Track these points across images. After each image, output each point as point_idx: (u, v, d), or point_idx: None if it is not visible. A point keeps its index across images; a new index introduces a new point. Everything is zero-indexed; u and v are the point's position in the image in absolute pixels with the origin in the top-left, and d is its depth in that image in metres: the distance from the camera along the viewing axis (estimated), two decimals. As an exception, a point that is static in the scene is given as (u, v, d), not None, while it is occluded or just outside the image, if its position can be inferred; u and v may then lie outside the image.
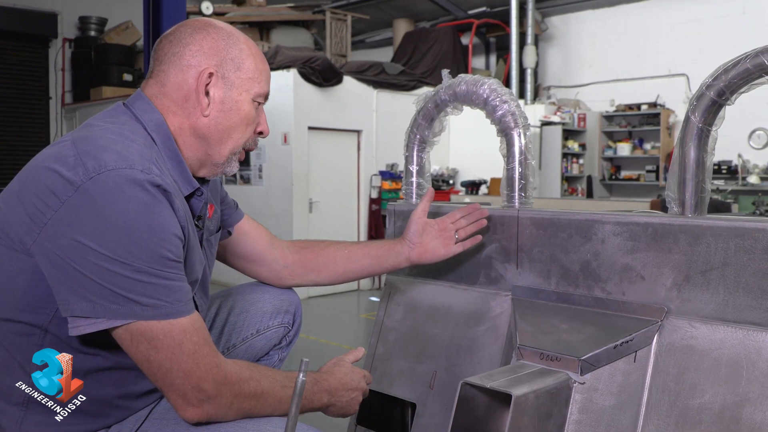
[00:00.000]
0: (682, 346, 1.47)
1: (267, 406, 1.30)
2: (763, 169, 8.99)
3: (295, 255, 1.79)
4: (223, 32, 1.40)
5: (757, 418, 1.34)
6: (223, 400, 1.23)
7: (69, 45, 10.83)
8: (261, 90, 1.42)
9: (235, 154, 1.43)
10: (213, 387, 1.22)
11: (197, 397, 1.21)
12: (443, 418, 1.72)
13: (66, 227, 1.16)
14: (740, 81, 1.45)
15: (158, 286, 1.19)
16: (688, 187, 1.56)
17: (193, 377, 1.20)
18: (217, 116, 1.37)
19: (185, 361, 1.20)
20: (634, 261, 1.58)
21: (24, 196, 1.21)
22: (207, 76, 1.35)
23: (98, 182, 1.16)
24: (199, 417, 1.23)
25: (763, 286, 1.39)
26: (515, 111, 1.88)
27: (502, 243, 1.83)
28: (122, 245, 1.15)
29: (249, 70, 1.40)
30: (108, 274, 1.15)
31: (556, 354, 1.52)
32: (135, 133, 1.30)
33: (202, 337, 1.24)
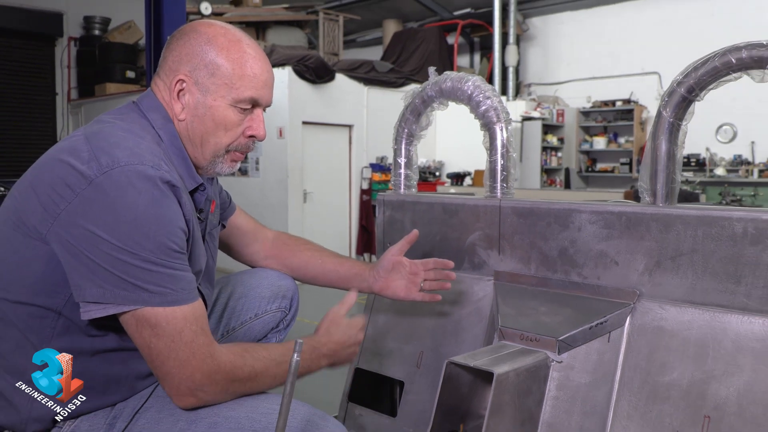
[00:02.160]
0: (653, 327, 1.48)
1: (262, 384, 1.30)
2: (729, 162, 9.05)
3: (275, 249, 1.80)
4: (203, 38, 1.34)
5: (722, 394, 1.35)
6: (217, 387, 1.23)
7: (74, 43, 10.73)
8: (241, 95, 1.33)
9: (219, 157, 1.38)
10: (206, 377, 1.21)
11: (190, 387, 1.21)
12: (430, 395, 1.72)
13: (79, 218, 1.16)
14: (709, 78, 1.45)
15: (164, 275, 1.19)
16: (660, 178, 1.56)
17: (187, 367, 1.19)
18: (191, 121, 1.35)
19: (182, 350, 1.19)
20: (609, 247, 1.58)
21: (38, 186, 1.22)
22: (176, 83, 1.33)
23: (111, 177, 1.17)
24: (193, 404, 1.23)
25: (728, 271, 1.40)
26: (498, 106, 1.88)
27: (485, 231, 1.83)
28: (132, 236, 1.16)
29: (225, 75, 1.32)
30: (118, 263, 1.15)
31: (536, 335, 1.53)
32: (144, 130, 1.31)
33: (201, 327, 1.23)
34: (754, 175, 8.77)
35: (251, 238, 1.79)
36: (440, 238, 1.93)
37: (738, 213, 1.40)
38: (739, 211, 1.41)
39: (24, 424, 1.26)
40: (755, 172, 8.77)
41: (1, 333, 1.25)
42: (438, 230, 1.94)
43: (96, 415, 1.30)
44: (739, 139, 9.07)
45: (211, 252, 1.52)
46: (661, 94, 1.56)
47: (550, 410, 1.48)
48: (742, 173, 8.86)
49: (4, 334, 1.25)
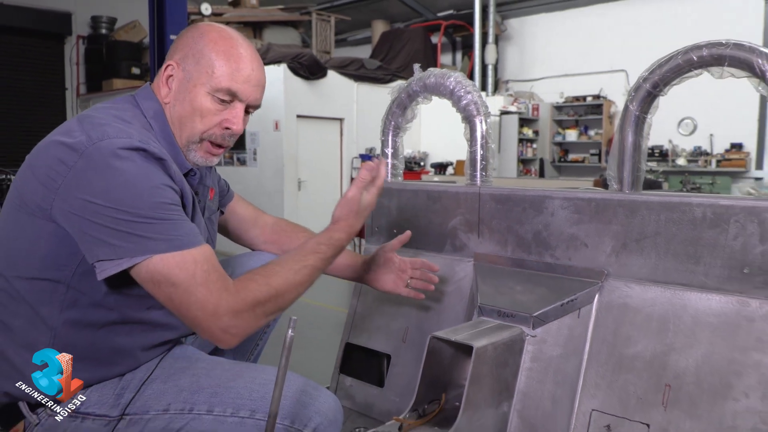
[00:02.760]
0: (619, 304, 1.49)
1: (290, 295, 1.28)
2: (690, 153, 9.10)
3: (274, 235, 1.77)
4: (199, 32, 1.34)
5: (682, 365, 1.36)
6: (244, 317, 1.20)
7: (82, 42, 10.61)
8: (219, 85, 1.29)
9: (193, 143, 1.34)
10: (230, 313, 1.18)
11: (220, 326, 1.18)
12: (414, 368, 1.73)
13: (75, 190, 1.15)
14: (672, 74, 1.45)
15: (166, 225, 1.17)
16: (626, 167, 1.56)
17: (209, 307, 1.17)
18: (173, 104, 1.33)
19: (200, 292, 1.17)
20: (579, 231, 1.59)
21: (36, 167, 1.21)
22: (166, 68, 1.34)
23: (99, 147, 1.16)
24: (232, 341, 1.21)
25: (688, 252, 1.41)
26: (477, 101, 1.87)
27: (466, 216, 1.83)
28: (125, 199, 1.14)
29: (209, 65, 1.29)
30: (121, 222, 1.14)
31: (512, 311, 1.53)
32: (134, 118, 1.30)
33: (212, 265, 1.20)
34: (712, 165, 8.83)
35: (251, 224, 1.77)
36: (424, 222, 1.93)
37: (697, 199, 1.40)
38: (698, 197, 1.41)
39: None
40: (713, 162, 8.84)
41: (15, 310, 1.24)
42: (422, 215, 1.94)
43: (105, 386, 1.29)
44: (698, 132, 9.11)
45: (211, 236, 1.52)
46: (627, 90, 1.56)
47: (524, 380, 1.49)
48: (701, 163, 8.92)
49: (18, 310, 1.24)
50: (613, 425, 1.40)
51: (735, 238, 1.34)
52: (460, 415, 1.33)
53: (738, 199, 1.37)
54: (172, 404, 1.29)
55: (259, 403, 1.30)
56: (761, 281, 1.31)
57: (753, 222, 1.32)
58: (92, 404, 1.27)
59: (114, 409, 1.27)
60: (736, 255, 1.34)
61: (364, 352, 2.01)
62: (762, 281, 1.31)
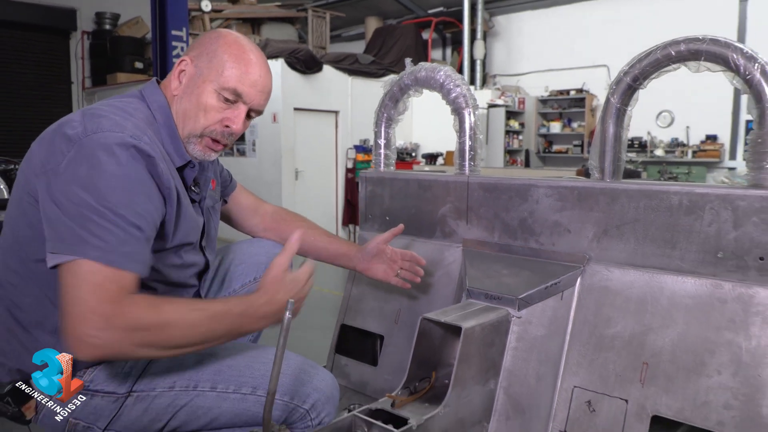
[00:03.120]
0: (600, 287, 1.50)
1: (177, 332, 1.13)
2: (667, 144, 9.12)
3: (273, 223, 1.77)
4: (216, 35, 1.35)
5: (659, 344, 1.37)
6: (118, 332, 1.06)
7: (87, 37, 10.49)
8: (226, 84, 1.29)
9: (194, 137, 1.33)
10: (102, 319, 1.05)
11: (85, 331, 1.05)
12: (406, 348, 1.73)
13: (62, 173, 1.13)
14: (651, 68, 1.45)
15: (117, 234, 1.10)
16: (607, 157, 1.56)
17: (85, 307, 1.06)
18: (181, 97, 1.33)
19: (86, 290, 1.07)
20: (563, 218, 1.59)
21: (37, 156, 1.20)
22: (180, 62, 1.34)
23: (93, 139, 1.14)
24: (89, 351, 1.06)
25: (665, 237, 1.41)
26: (466, 93, 1.87)
27: (455, 204, 1.83)
28: (99, 189, 1.11)
29: (220, 65, 1.30)
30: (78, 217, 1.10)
31: (498, 294, 1.53)
32: (138, 111, 1.29)
33: (114, 284, 1.08)
34: (688, 155, 8.86)
35: (251, 212, 1.78)
36: (415, 210, 1.93)
37: (674, 187, 1.41)
38: (675, 185, 1.42)
39: (47, 373, 1.25)
40: (689, 153, 8.86)
41: (24, 290, 1.24)
42: (413, 203, 1.94)
43: (113, 365, 1.29)
44: (676, 124, 9.13)
45: (213, 224, 1.52)
46: (609, 84, 1.56)
47: (510, 359, 1.50)
48: (678, 154, 8.94)
49: (27, 291, 1.24)
50: (593, 401, 1.41)
51: (710, 224, 1.35)
52: (450, 392, 1.33)
53: (713, 187, 1.37)
54: (177, 382, 1.29)
55: (260, 380, 1.30)
56: (734, 265, 1.32)
57: (727, 209, 1.33)
58: (101, 382, 1.27)
59: (122, 386, 1.27)
60: (710, 240, 1.35)
61: (359, 333, 2.01)
62: (734, 265, 1.32)
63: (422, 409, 1.33)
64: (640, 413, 1.34)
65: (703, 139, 8.89)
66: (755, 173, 1.33)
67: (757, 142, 1.33)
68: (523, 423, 1.46)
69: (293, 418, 1.32)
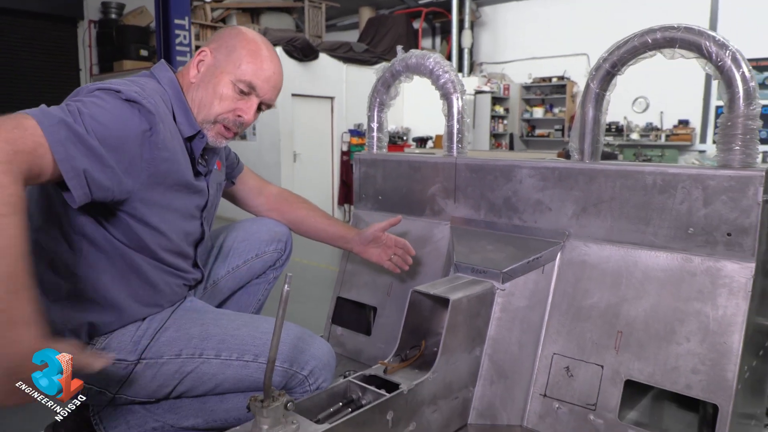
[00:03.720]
0: (578, 261, 1.50)
1: None
2: (642, 128, 9.12)
3: (277, 204, 1.77)
4: (236, 30, 1.37)
5: (632, 314, 1.38)
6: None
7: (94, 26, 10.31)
8: (242, 77, 1.31)
9: (208, 123, 1.34)
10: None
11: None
12: (397, 318, 1.74)
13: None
14: (629, 55, 1.44)
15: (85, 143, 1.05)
16: (587, 140, 1.56)
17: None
18: (198, 85, 1.34)
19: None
20: (544, 197, 1.59)
21: None
22: (203, 52, 1.34)
23: (105, 91, 1.14)
24: None
25: (640, 215, 1.42)
26: (454, 79, 1.85)
27: (443, 184, 1.82)
28: (99, 119, 1.09)
29: (238, 58, 1.31)
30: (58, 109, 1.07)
31: (484, 268, 1.54)
32: (147, 83, 1.28)
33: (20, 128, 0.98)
34: (662, 139, 8.87)
35: (257, 193, 1.77)
36: (406, 190, 1.92)
37: (649, 168, 1.41)
38: (650, 166, 1.42)
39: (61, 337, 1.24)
40: (663, 136, 8.87)
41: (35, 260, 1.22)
42: (404, 183, 1.93)
43: (123, 334, 1.29)
44: (650, 110, 9.11)
45: (215, 202, 1.51)
46: (589, 71, 1.55)
47: (495, 328, 1.51)
48: (652, 138, 8.95)
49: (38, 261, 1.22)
50: (571, 366, 1.43)
51: (681, 202, 1.35)
52: (438, 359, 1.34)
53: (685, 168, 1.37)
54: (183, 350, 1.30)
55: (262, 348, 1.31)
56: (703, 240, 1.33)
57: (697, 188, 1.33)
58: (112, 349, 1.27)
59: (132, 354, 1.27)
60: (681, 217, 1.36)
61: (354, 305, 2.02)
62: (704, 240, 1.33)
63: (413, 374, 1.34)
64: (614, 378, 1.36)
65: (675, 124, 8.89)
66: (725, 154, 1.33)
67: (726, 125, 1.33)
68: (507, 387, 1.48)
69: (293, 384, 1.33)
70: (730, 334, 1.25)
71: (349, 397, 1.25)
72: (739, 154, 1.31)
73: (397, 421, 1.24)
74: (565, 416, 1.41)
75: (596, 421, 1.36)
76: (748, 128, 1.30)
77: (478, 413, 1.47)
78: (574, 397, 1.40)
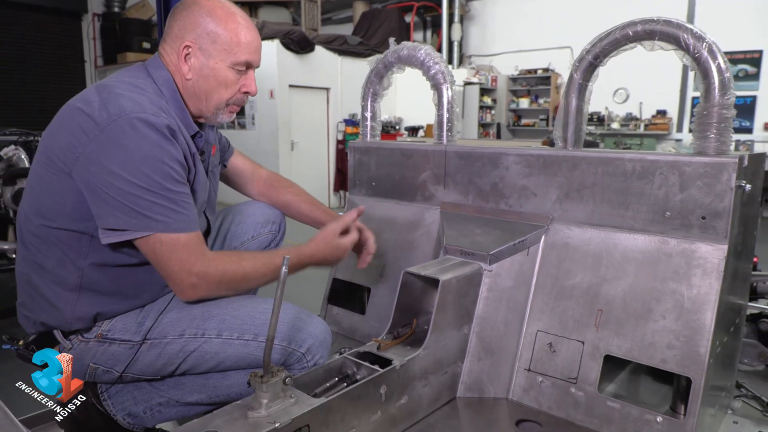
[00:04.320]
0: (561, 244, 1.50)
1: (252, 281, 1.30)
2: (623, 118, 9.12)
3: (265, 188, 1.76)
4: (204, 10, 1.28)
5: (612, 293, 1.39)
6: (211, 281, 1.24)
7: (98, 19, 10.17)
8: (239, 59, 1.29)
9: (221, 109, 1.35)
10: (200, 273, 1.22)
11: (189, 282, 1.21)
12: (390, 298, 1.74)
13: (95, 158, 1.12)
14: (611, 47, 1.43)
15: (168, 208, 1.16)
16: (570, 128, 1.55)
17: (185, 265, 1.20)
18: (197, 80, 1.30)
19: (182, 251, 1.19)
20: (529, 183, 1.59)
21: (59, 132, 1.17)
22: (185, 48, 1.28)
23: (119, 124, 1.12)
24: (194, 296, 1.24)
25: (620, 199, 1.42)
26: (444, 70, 1.83)
27: (434, 170, 1.82)
28: (141, 169, 1.12)
29: (224, 42, 1.27)
30: (129, 196, 1.12)
31: (472, 250, 1.54)
32: (147, 85, 1.25)
33: (197, 244, 1.22)
34: (641, 128, 8.88)
35: (248, 177, 1.76)
36: (398, 176, 1.92)
37: (629, 155, 1.41)
38: (629, 153, 1.42)
39: (69, 323, 1.24)
40: (642, 126, 8.88)
41: (47, 252, 1.22)
42: (397, 170, 1.92)
43: (128, 316, 1.29)
44: (630, 100, 9.11)
45: (213, 186, 1.50)
46: (572, 63, 1.54)
47: (482, 307, 1.51)
48: (632, 127, 8.95)
49: (49, 253, 1.22)
50: (554, 342, 1.43)
51: (659, 187, 1.35)
52: (429, 336, 1.35)
53: (662, 155, 1.37)
54: (186, 330, 1.29)
55: (261, 328, 1.30)
56: (679, 223, 1.33)
57: (674, 174, 1.33)
58: (117, 331, 1.26)
59: (137, 334, 1.27)
60: (659, 202, 1.36)
61: (349, 286, 2.02)
62: (680, 223, 1.33)
63: (405, 351, 1.34)
64: (594, 353, 1.37)
65: (654, 114, 8.90)
66: (700, 142, 1.33)
67: (702, 114, 1.32)
68: (493, 363, 1.49)
69: (291, 361, 1.33)
70: (704, 312, 1.26)
71: (344, 373, 1.25)
72: (714, 141, 1.31)
73: (390, 395, 1.24)
74: (548, 389, 1.42)
75: (577, 393, 1.37)
76: (722, 117, 1.30)
77: (466, 387, 1.48)
78: (556, 372, 1.41)
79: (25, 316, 1.28)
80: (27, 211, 1.24)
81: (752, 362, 1.74)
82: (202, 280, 1.22)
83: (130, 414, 1.34)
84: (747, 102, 8.02)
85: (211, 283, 1.24)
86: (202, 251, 1.22)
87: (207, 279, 1.22)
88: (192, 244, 1.20)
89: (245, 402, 1.03)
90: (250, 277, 1.28)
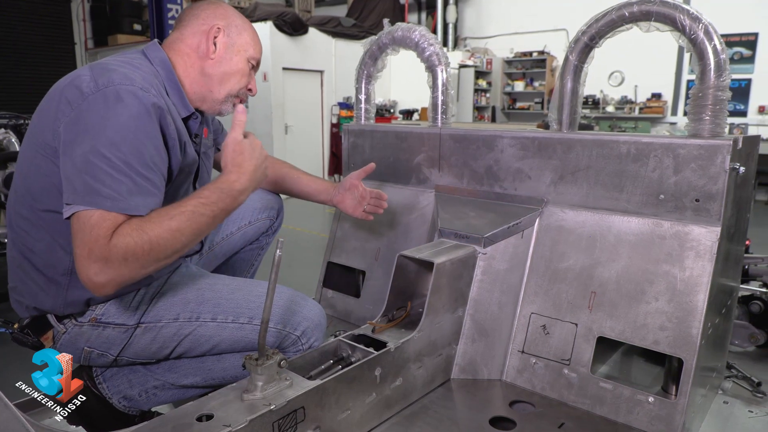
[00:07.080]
0: (555, 226, 1.51)
1: (167, 243, 1.06)
2: (618, 102, 9.10)
3: None
4: (231, 10, 1.39)
5: (605, 275, 1.39)
6: (115, 265, 1.01)
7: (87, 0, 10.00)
8: (254, 55, 1.38)
9: (231, 97, 1.36)
10: (100, 259, 1.01)
11: (89, 272, 1.01)
12: (385, 281, 1.75)
13: (73, 125, 1.08)
14: (607, 28, 1.42)
15: (127, 183, 1.05)
16: (565, 110, 1.55)
17: (84, 251, 1.02)
18: (220, 60, 1.33)
19: (85, 233, 1.02)
20: (524, 165, 1.58)
21: (46, 110, 1.14)
22: (216, 29, 1.32)
23: (104, 93, 1.08)
24: (102, 289, 1.03)
25: (614, 182, 1.42)
26: (439, 52, 1.82)
27: (428, 153, 1.81)
28: (111, 139, 1.06)
29: (247, 37, 1.37)
30: (90, 166, 1.04)
31: (466, 233, 1.54)
32: (142, 65, 1.23)
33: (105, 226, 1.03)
34: (635, 111, 8.87)
35: None
36: (393, 159, 1.91)
37: (623, 137, 1.40)
38: (624, 135, 1.41)
39: (61, 308, 1.23)
40: (636, 109, 8.87)
41: (36, 236, 1.21)
42: (391, 153, 1.91)
43: (122, 300, 1.28)
44: (625, 84, 9.09)
45: (207, 169, 1.48)
46: (568, 46, 1.52)
47: (476, 290, 1.51)
48: (626, 110, 8.94)
49: (39, 237, 1.20)
50: (548, 325, 1.44)
51: (653, 170, 1.35)
52: (423, 319, 1.35)
53: (657, 137, 1.37)
54: (181, 314, 1.29)
55: (256, 311, 1.30)
56: (672, 206, 1.33)
57: (669, 157, 1.33)
58: (112, 315, 1.26)
59: (131, 318, 1.27)
60: (653, 184, 1.36)
61: (343, 269, 2.02)
62: (673, 206, 1.33)
63: (399, 334, 1.35)
64: (587, 335, 1.38)
65: (649, 97, 8.88)
66: (695, 124, 1.33)
67: (698, 96, 1.32)
68: (487, 345, 1.49)
69: (286, 344, 1.33)
70: (696, 294, 1.27)
71: (339, 355, 1.26)
72: (708, 123, 1.31)
73: (384, 377, 1.25)
74: (542, 370, 1.43)
75: (570, 374, 1.38)
76: (718, 99, 1.29)
77: (460, 369, 1.49)
78: (549, 353, 1.42)
79: (17, 300, 1.27)
80: (16, 194, 1.23)
81: (743, 343, 1.76)
82: (105, 265, 1.01)
83: (125, 397, 1.34)
84: (742, 85, 8.01)
85: (114, 265, 1.01)
86: (108, 230, 1.02)
87: (109, 262, 1.01)
88: (111, 221, 1.02)
89: (240, 385, 1.04)
90: (161, 241, 1.05)
